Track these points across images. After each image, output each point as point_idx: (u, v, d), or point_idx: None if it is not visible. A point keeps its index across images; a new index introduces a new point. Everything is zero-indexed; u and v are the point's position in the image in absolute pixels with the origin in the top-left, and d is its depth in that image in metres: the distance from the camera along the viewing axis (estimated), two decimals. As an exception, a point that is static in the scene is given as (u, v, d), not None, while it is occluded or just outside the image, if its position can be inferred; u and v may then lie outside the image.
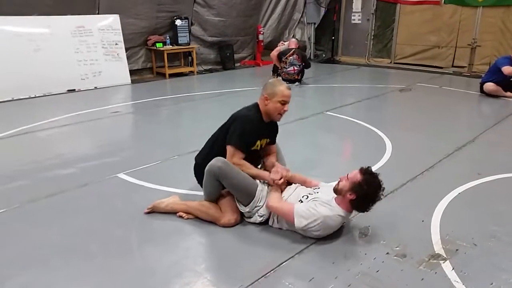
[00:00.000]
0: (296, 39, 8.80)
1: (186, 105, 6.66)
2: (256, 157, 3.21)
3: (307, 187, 3.00)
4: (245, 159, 3.00)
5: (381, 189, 2.66)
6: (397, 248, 2.64)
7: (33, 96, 6.91)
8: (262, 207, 2.87)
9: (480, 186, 3.56)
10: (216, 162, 2.82)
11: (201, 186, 3.10)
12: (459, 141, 4.66)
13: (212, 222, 2.91)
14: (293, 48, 7.83)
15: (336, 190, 2.72)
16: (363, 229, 2.87)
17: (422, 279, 2.35)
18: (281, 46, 8.19)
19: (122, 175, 3.77)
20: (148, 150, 4.48)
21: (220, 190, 2.93)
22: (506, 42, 8.76)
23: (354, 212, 2.83)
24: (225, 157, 2.91)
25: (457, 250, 2.62)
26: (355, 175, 2.66)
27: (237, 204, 2.91)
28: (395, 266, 2.47)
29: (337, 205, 2.69)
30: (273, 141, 3.28)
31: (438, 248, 2.64)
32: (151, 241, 2.73)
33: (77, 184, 3.58)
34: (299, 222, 2.65)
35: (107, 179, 3.70)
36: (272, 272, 2.40)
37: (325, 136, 5.02)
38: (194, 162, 3.30)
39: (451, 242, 2.70)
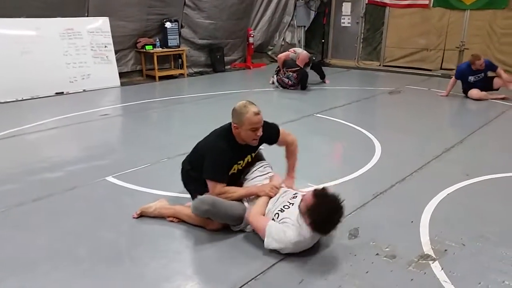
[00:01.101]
0: (309, 53, 8.23)
1: (176, 108, 6.63)
2: (238, 177, 3.09)
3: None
4: (228, 182, 2.90)
5: (338, 212, 2.44)
6: (387, 249, 2.65)
7: (21, 99, 6.82)
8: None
9: (468, 187, 3.59)
10: (201, 205, 2.71)
11: (188, 191, 3.10)
12: (447, 143, 4.70)
13: (200, 226, 2.89)
14: (298, 67, 7.75)
15: (300, 210, 2.54)
16: (352, 231, 2.87)
17: (412, 279, 2.36)
18: (291, 53, 7.99)
19: (110, 178, 3.74)
20: (137, 153, 4.45)
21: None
22: (493, 45, 8.88)
23: (344, 212, 2.82)
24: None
25: (446, 250, 2.64)
26: (308, 198, 2.48)
27: (230, 225, 2.85)
28: (385, 267, 2.48)
29: (304, 224, 2.49)
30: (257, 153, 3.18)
31: (427, 248, 2.66)
32: (140, 245, 2.71)
33: (65, 188, 3.54)
34: (268, 243, 2.53)
35: (95, 183, 3.67)
36: (262, 274, 2.39)
37: (315, 138, 5.03)
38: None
39: (440, 243, 2.72)
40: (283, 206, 2.70)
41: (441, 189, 3.51)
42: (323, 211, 2.41)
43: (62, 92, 7.31)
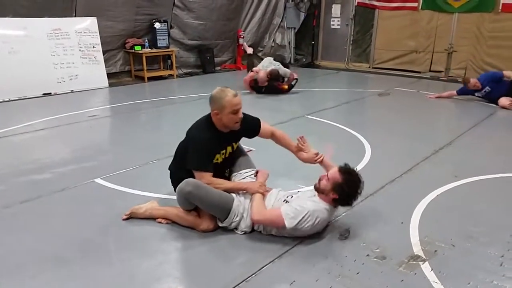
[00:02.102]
0: (271, 70, 7.47)
1: (165, 109, 6.59)
2: (222, 169, 3.08)
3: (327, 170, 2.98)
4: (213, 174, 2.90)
5: (361, 184, 2.75)
6: (377, 250, 2.66)
7: (7, 99, 6.72)
8: (240, 221, 2.80)
9: (457, 188, 3.62)
10: (185, 186, 2.71)
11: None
12: (436, 144, 4.74)
13: (190, 227, 2.87)
14: (264, 87, 7.52)
15: (317, 189, 2.78)
16: (343, 232, 2.87)
17: (402, 280, 2.37)
18: (255, 74, 7.54)
19: (99, 180, 3.70)
20: (126, 155, 4.41)
21: (194, 205, 2.84)
22: (481, 47, 8.99)
23: (335, 214, 2.83)
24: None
25: (436, 251, 2.65)
26: (335, 175, 2.72)
27: (216, 219, 2.85)
28: (375, 268, 2.49)
29: (321, 200, 2.75)
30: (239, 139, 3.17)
31: (417, 249, 2.67)
32: (130, 247, 2.68)
33: (53, 189, 3.49)
34: (290, 223, 2.62)
35: (84, 184, 3.62)
36: (253, 276, 2.38)
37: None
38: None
39: (430, 243, 2.73)
40: (286, 197, 2.84)
41: (431, 190, 3.53)
42: (351, 186, 2.70)
43: (50, 93, 7.23)
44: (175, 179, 3.04)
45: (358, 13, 10.76)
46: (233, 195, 2.86)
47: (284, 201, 2.82)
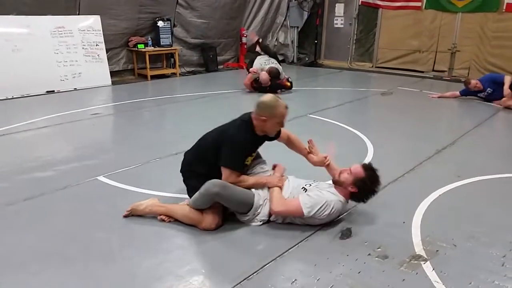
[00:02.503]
0: (269, 68, 7.41)
1: (168, 107, 6.60)
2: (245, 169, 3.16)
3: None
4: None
5: (379, 184, 2.93)
6: (379, 250, 2.66)
7: (11, 97, 6.75)
8: (260, 212, 2.90)
9: (459, 188, 3.62)
10: (213, 187, 2.76)
11: (186, 185, 3.09)
12: (439, 144, 4.73)
13: (192, 225, 2.88)
14: (267, 87, 7.37)
15: (337, 182, 2.94)
16: (345, 231, 2.87)
17: (403, 279, 2.37)
18: (252, 74, 7.55)
19: (102, 178, 3.71)
20: (129, 153, 4.42)
21: (209, 204, 2.86)
22: (484, 47, 8.95)
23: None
24: (214, 166, 2.91)
25: (437, 251, 2.65)
26: (359, 170, 2.88)
27: (236, 215, 2.95)
28: (377, 267, 2.49)
29: (337, 193, 2.90)
30: (257, 153, 3.25)
31: (418, 249, 2.67)
32: (132, 245, 2.69)
33: (56, 187, 3.50)
34: (308, 213, 2.78)
35: (87, 182, 3.63)
36: (255, 274, 2.39)
37: (307, 139, 5.03)
38: (177, 162, 3.25)
39: (431, 243, 2.73)
40: (305, 185, 2.98)
41: (433, 190, 3.53)
42: (372, 182, 2.88)
43: (53, 91, 7.25)
44: (191, 171, 3.05)
45: (361, 12, 10.73)
46: (252, 190, 2.94)
47: (302, 188, 2.94)
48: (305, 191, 2.93)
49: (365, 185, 2.87)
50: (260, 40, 8.40)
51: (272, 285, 2.31)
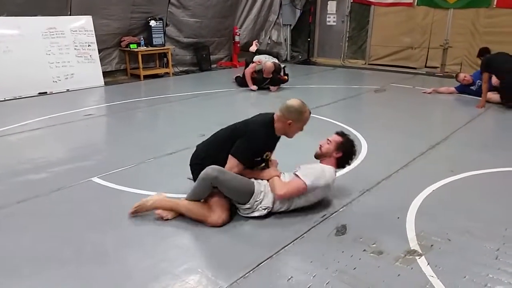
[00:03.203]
0: (273, 62, 7.55)
1: (162, 107, 6.58)
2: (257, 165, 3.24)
3: None
4: (248, 166, 3.09)
5: (355, 145, 3.24)
6: (374, 245, 2.67)
7: (3, 99, 6.69)
8: (263, 200, 2.97)
9: (453, 183, 3.64)
10: (211, 171, 2.82)
11: (193, 178, 3.15)
12: (432, 140, 4.76)
13: (199, 221, 2.89)
14: (268, 79, 7.55)
15: (320, 155, 3.18)
16: (340, 227, 2.89)
17: (399, 275, 2.38)
18: (256, 65, 7.60)
19: (96, 179, 3.69)
20: (123, 153, 4.41)
21: (207, 193, 2.92)
22: (476, 43, 9.01)
23: (332, 210, 2.84)
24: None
25: (432, 245, 2.67)
26: (336, 137, 3.20)
27: (238, 209, 3.00)
28: (372, 263, 2.50)
29: (325, 164, 3.12)
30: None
31: (413, 244, 2.69)
32: (127, 246, 2.68)
33: (50, 189, 3.48)
34: (309, 180, 2.95)
35: (80, 184, 3.61)
36: (251, 272, 2.39)
37: (301, 137, 5.01)
38: (172, 162, 3.25)
39: (426, 238, 2.75)
40: (294, 171, 3.10)
41: (427, 185, 3.55)
42: (351, 145, 3.19)
43: (46, 92, 7.21)
44: (201, 164, 3.02)
45: (353, 10, 10.77)
46: (253, 180, 3.02)
47: (293, 174, 3.06)
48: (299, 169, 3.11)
49: (346, 148, 3.16)
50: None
51: (268, 282, 2.31)
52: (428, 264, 2.47)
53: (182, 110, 6.35)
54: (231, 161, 2.97)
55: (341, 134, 3.24)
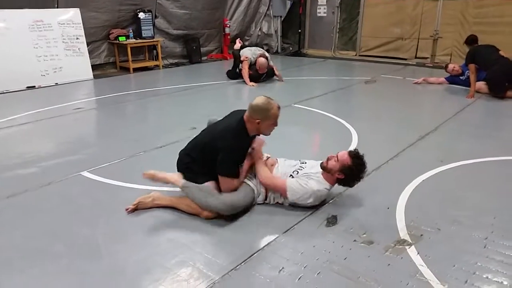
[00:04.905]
0: (264, 56, 7.50)
1: (152, 100, 6.54)
2: None
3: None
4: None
5: (364, 171, 3.01)
6: (364, 235, 2.69)
7: (-10, 93, 6.61)
8: (259, 197, 3.07)
9: (442, 173, 3.68)
10: (223, 209, 2.82)
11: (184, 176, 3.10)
12: (422, 130, 4.79)
13: (195, 214, 2.90)
14: (263, 74, 7.56)
15: (324, 168, 3.01)
16: (330, 218, 2.91)
17: (389, 264, 2.41)
18: (250, 59, 7.46)
19: (86, 173, 3.67)
20: (113, 147, 4.38)
21: None
22: (465, 33, 8.97)
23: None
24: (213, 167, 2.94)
25: (421, 235, 2.70)
26: (345, 158, 2.96)
27: None
28: (363, 252, 2.52)
29: (324, 180, 2.99)
30: None
31: (403, 234, 2.71)
32: (118, 240, 2.67)
33: (39, 184, 3.46)
34: (292, 196, 2.93)
35: (70, 178, 3.59)
36: (242, 264, 2.40)
37: (293, 129, 5.04)
38: (162, 156, 3.23)
39: (415, 228, 2.78)
40: (297, 169, 3.09)
41: (416, 175, 3.58)
42: (359, 170, 2.97)
43: (34, 86, 7.12)
44: (188, 169, 3.06)
45: (344, 1, 10.75)
46: (251, 185, 3.03)
47: (290, 176, 3.05)
48: (297, 174, 3.06)
49: (351, 172, 2.95)
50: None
51: (260, 274, 2.32)
52: (418, 253, 2.50)
53: (172, 103, 6.32)
54: (227, 181, 2.94)
55: (352, 155, 2.97)
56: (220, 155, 2.90)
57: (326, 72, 9.17)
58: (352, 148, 4.22)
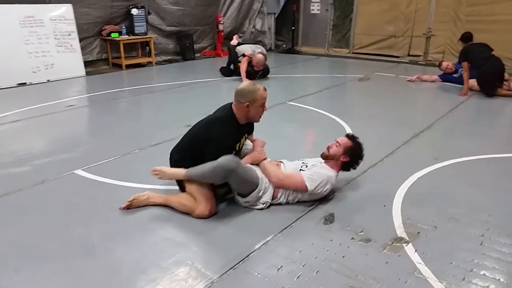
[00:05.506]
0: (262, 53, 7.46)
1: (145, 97, 6.48)
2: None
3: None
4: None
5: (363, 150, 3.17)
6: (361, 233, 2.69)
7: (-20, 90, 6.52)
8: (262, 197, 2.97)
9: (437, 171, 3.69)
10: (231, 163, 2.75)
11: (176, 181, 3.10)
12: (416, 128, 4.81)
13: (187, 213, 2.88)
14: (260, 71, 7.54)
15: (327, 156, 3.12)
16: (328, 216, 2.90)
17: (387, 262, 2.41)
18: (248, 58, 7.40)
19: (80, 171, 3.63)
20: (107, 145, 4.33)
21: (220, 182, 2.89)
22: (458, 31, 9.04)
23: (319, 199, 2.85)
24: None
25: (418, 233, 2.70)
26: (346, 141, 3.13)
27: (237, 200, 3.01)
28: (360, 250, 2.52)
29: (329, 168, 3.09)
30: (251, 132, 3.35)
31: (400, 231, 2.72)
32: (114, 239, 2.64)
33: (33, 182, 3.41)
34: (311, 186, 2.95)
35: (64, 176, 3.55)
36: (240, 263, 2.39)
37: (287, 126, 5.04)
38: (157, 153, 3.21)
39: (412, 226, 2.78)
40: (301, 167, 3.12)
41: (411, 173, 3.59)
42: (359, 149, 3.14)
43: (25, 83, 7.03)
44: (175, 166, 3.05)
45: (337, -2, 10.74)
46: (257, 173, 2.99)
47: (300, 170, 3.07)
48: (306, 167, 3.10)
49: (354, 153, 3.11)
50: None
51: (258, 273, 2.31)
52: (416, 251, 2.50)
53: (166, 100, 6.27)
54: None
55: (351, 137, 3.18)
56: (209, 146, 2.90)
57: (319, 69, 9.17)
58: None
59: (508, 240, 2.63)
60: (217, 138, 2.91)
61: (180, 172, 2.96)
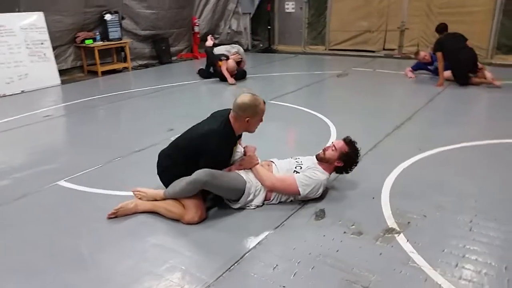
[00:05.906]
0: (241, 54, 7.61)
1: (123, 104, 6.37)
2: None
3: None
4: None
5: (359, 155, 3.16)
6: (353, 227, 2.71)
7: (-49, 104, 6.29)
8: (254, 200, 2.97)
9: (422, 160, 3.75)
10: (202, 177, 2.74)
11: (164, 185, 3.05)
12: (397, 120, 4.88)
13: (176, 219, 2.84)
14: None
15: (322, 159, 3.09)
16: (318, 212, 2.91)
17: (380, 253, 2.42)
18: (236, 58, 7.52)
19: (62, 183, 3.53)
20: (88, 154, 4.23)
21: (195, 193, 2.84)
22: (432, 23, 9.21)
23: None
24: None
25: (409, 222, 2.73)
26: (342, 145, 3.10)
27: (227, 202, 2.98)
28: (354, 244, 2.53)
29: (323, 170, 3.07)
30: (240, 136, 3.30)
31: (391, 222, 2.74)
32: (103, 249, 2.58)
33: (14, 196, 3.30)
34: (303, 191, 2.94)
35: (47, 188, 3.45)
36: (236, 265, 2.36)
37: (270, 125, 4.97)
38: (140, 160, 3.15)
39: (402, 216, 2.81)
40: (298, 165, 3.11)
41: (397, 164, 3.64)
42: (355, 155, 3.12)
43: (-2, 95, 6.82)
44: (169, 172, 3.01)
45: (311, -4, 10.80)
46: (243, 176, 2.97)
47: (294, 171, 3.05)
48: (301, 168, 3.08)
49: (349, 158, 3.09)
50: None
51: (254, 273, 2.29)
52: (408, 240, 2.53)
53: (145, 105, 6.19)
54: None
55: (348, 142, 3.14)
56: (204, 158, 2.85)
57: (297, 67, 9.20)
58: (331, 140, 4.26)
59: (495, 225, 2.69)
60: (214, 152, 2.87)
61: (159, 193, 2.97)
